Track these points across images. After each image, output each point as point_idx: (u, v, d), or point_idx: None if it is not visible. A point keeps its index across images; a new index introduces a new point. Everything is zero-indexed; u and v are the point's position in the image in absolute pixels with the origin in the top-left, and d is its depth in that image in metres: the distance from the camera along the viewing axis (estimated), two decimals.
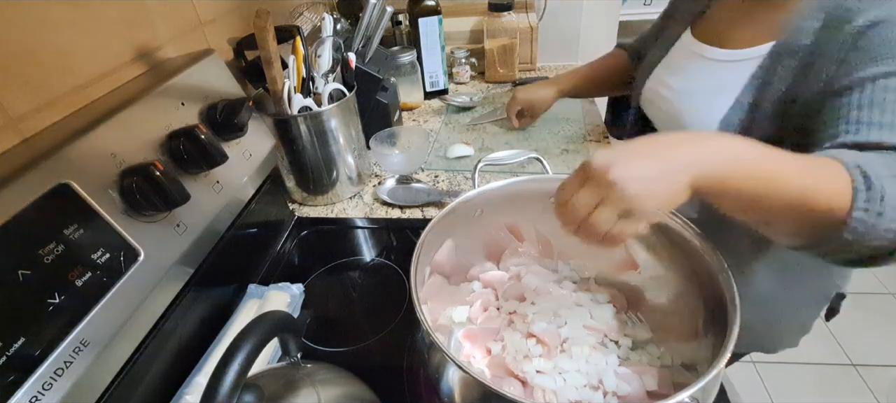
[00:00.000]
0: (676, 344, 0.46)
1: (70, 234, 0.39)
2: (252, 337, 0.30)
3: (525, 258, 0.57)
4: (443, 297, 0.52)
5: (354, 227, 0.77)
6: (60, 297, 0.37)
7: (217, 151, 0.52)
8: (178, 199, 0.46)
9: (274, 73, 0.65)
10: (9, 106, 0.43)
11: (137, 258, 0.44)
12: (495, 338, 0.49)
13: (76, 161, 0.42)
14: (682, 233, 0.43)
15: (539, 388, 0.42)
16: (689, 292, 0.44)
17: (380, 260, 0.70)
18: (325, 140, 0.73)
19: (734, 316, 0.34)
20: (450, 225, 0.48)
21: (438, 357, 0.35)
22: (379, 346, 0.56)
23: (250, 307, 0.59)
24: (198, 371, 0.51)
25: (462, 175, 0.85)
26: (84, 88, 0.51)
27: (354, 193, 0.82)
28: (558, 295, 0.52)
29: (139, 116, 0.49)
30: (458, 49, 1.23)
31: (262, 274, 0.68)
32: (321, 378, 0.40)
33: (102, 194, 0.43)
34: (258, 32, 0.61)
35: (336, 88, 0.74)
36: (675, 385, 0.42)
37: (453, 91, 1.20)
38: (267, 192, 0.71)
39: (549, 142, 0.93)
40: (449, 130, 1.01)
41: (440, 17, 1.07)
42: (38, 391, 0.35)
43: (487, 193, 0.50)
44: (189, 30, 0.67)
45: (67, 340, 0.37)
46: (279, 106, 0.68)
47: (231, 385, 0.27)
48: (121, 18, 0.55)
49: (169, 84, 0.54)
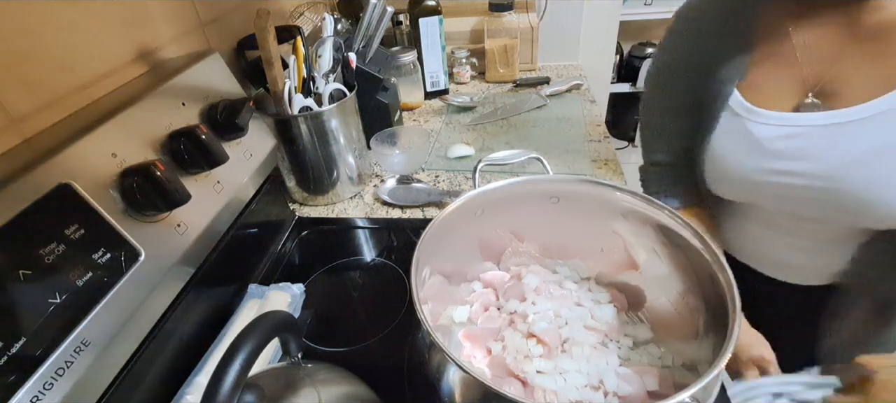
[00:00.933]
0: (677, 344, 0.46)
1: (71, 234, 0.39)
2: (253, 337, 0.30)
3: (525, 258, 0.57)
4: (443, 297, 0.52)
5: (355, 227, 0.77)
6: (61, 297, 0.37)
7: (218, 151, 0.52)
8: (178, 199, 0.46)
9: (274, 73, 0.65)
10: (10, 106, 0.43)
11: (138, 258, 0.44)
12: (496, 338, 0.49)
13: (77, 161, 0.42)
14: (683, 233, 0.43)
15: (539, 388, 0.42)
16: (689, 292, 0.44)
17: (380, 260, 0.70)
18: (326, 140, 0.73)
19: (735, 316, 0.34)
20: (450, 226, 0.48)
21: (439, 357, 0.35)
22: (379, 346, 0.56)
23: (251, 307, 0.59)
24: (198, 371, 0.51)
25: (462, 175, 0.85)
26: (85, 88, 0.51)
27: (355, 193, 0.82)
28: (559, 295, 0.52)
29: (140, 116, 0.49)
30: (458, 49, 1.23)
31: (263, 274, 0.68)
32: (322, 378, 0.40)
33: (103, 194, 0.43)
34: (259, 32, 0.61)
35: (337, 88, 0.74)
36: (676, 386, 0.42)
37: (454, 91, 1.20)
38: (267, 192, 0.71)
39: (549, 143, 0.92)
40: (449, 130, 1.01)
41: (441, 17, 1.07)
42: (39, 391, 0.35)
43: (488, 193, 0.50)
44: (190, 30, 0.67)
45: (68, 340, 0.37)
46: (280, 106, 0.68)
47: (232, 384, 0.27)
48: (122, 18, 0.55)
49: (170, 84, 0.54)
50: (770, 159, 0.53)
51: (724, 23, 0.57)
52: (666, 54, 0.64)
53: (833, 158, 0.50)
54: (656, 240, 0.47)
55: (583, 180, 0.51)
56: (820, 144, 0.50)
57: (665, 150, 0.67)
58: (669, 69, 0.63)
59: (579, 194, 0.51)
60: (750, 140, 0.54)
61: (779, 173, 0.53)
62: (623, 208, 0.49)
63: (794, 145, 0.51)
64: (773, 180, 0.54)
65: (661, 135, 0.67)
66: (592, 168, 0.83)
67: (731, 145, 0.56)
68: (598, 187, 0.50)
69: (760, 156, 0.54)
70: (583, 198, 0.51)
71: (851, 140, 0.49)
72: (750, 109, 0.54)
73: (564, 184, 0.51)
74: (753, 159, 0.54)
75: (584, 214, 0.52)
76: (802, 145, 0.51)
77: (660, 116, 0.66)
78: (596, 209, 0.50)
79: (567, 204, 0.52)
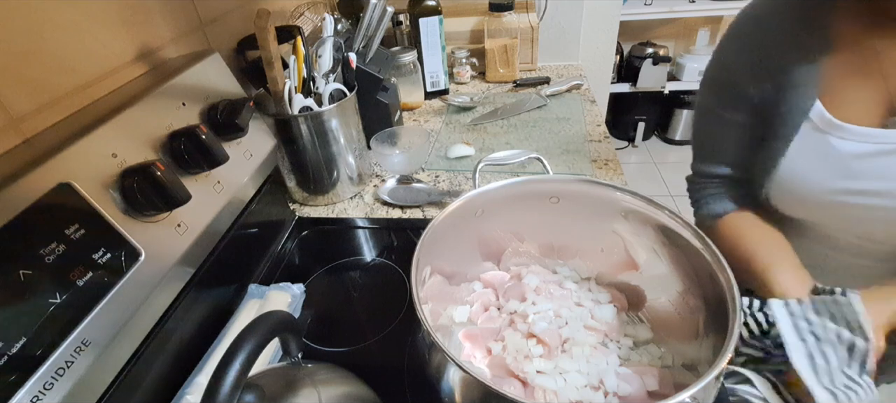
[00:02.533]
0: (677, 344, 0.46)
1: (71, 234, 0.39)
2: (253, 337, 0.30)
3: (525, 258, 0.57)
4: (443, 297, 0.52)
5: (355, 227, 0.77)
6: (61, 297, 0.37)
7: (218, 151, 0.52)
8: (179, 199, 0.46)
9: (275, 73, 0.65)
10: (10, 106, 0.43)
11: (138, 258, 0.44)
12: (496, 338, 0.49)
13: (77, 161, 0.42)
14: (683, 233, 0.43)
15: (540, 388, 0.42)
16: (689, 292, 0.44)
17: (380, 260, 0.70)
18: (326, 140, 0.73)
19: (735, 316, 0.34)
20: (451, 226, 0.48)
21: (439, 358, 0.35)
22: (379, 346, 0.56)
23: (251, 307, 0.59)
24: (199, 371, 0.51)
25: (463, 175, 0.85)
26: (85, 88, 0.51)
27: (355, 193, 0.82)
28: (559, 295, 0.52)
29: (140, 116, 0.49)
30: (458, 49, 1.23)
31: (263, 274, 0.68)
32: (322, 378, 0.40)
33: (103, 194, 0.43)
34: (259, 32, 0.61)
35: (337, 88, 0.74)
36: (676, 386, 0.42)
37: (454, 91, 1.20)
38: (268, 192, 0.71)
39: (549, 143, 0.92)
40: (449, 130, 1.01)
41: (441, 17, 1.07)
42: (39, 391, 0.35)
43: (488, 193, 0.50)
44: (190, 30, 0.67)
45: (68, 340, 0.37)
46: (280, 106, 0.68)
47: (232, 384, 0.27)
48: (122, 18, 0.55)
49: (170, 84, 0.54)
50: (853, 179, 0.49)
51: (799, 22, 0.51)
52: (727, 56, 0.58)
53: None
54: (656, 240, 0.47)
55: (583, 180, 0.51)
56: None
57: (721, 161, 0.61)
58: (731, 72, 0.57)
59: (579, 194, 0.51)
60: (833, 157, 0.50)
61: (860, 193, 0.49)
62: (623, 208, 0.49)
63: (882, 164, 0.48)
64: (853, 201, 0.50)
65: (718, 145, 0.61)
66: (592, 168, 0.83)
67: (810, 161, 0.51)
68: (598, 187, 0.50)
69: (843, 175, 0.49)
70: (583, 198, 0.51)
71: None
72: (835, 124, 0.49)
73: (564, 184, 0.51)
74: (834, 178, 0.50)
75: (584, 214, 0.52)
76: (890, 163, 0.47)
77: (717, 124, 0.60)
78: (596, 209, 0.50)
79: (567, 204, 0.52)
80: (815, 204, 0.53)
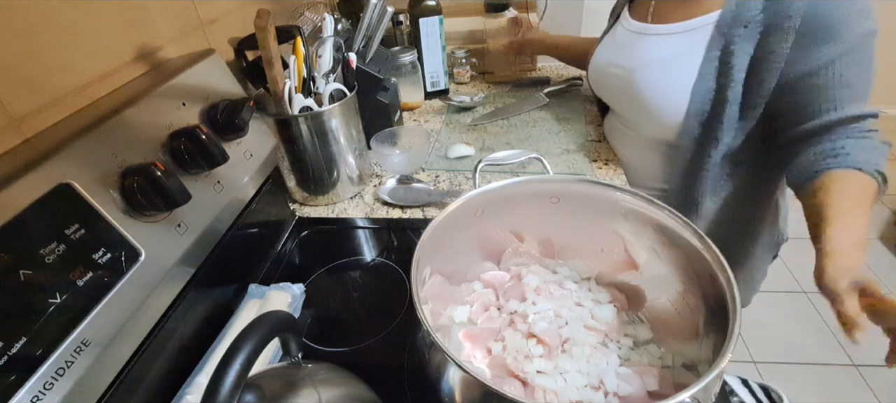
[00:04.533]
0: (677, 344, 0.46)
1: (71, 234, 0.39)
2: (253, 337, 0.30)
3: (525, 258, 0.57)
4: (443, 297, 0.52)
5: (355, 227, 0.77)
6: (61, 297, 0.37)
7: (218, 151, 0.52)
8: (179, 199, 0.46)
9: (275, 73, 0.65)
10: (10, 106, 0.43)
11: (138, 258, 0.44)
12: (496, 338, 0.49)
13: (77, 161, 0.42)
14: (683, 233, 0.43)
15: (540, 388, 0.42)
16: (689, 292, 0.44)
17: (380, 260, 0.70)
18: (326, 140, 0.73)
19: (735, 316, 0.34)
20: (451, 226, 0.48)
21: (439, 358, 0.35)
22: (379, 346, 0.56)
23: (251, 307, 0.59)
24: (199, 371, 0.51)
25: (463, 175, 0.85)
26: (85, 88, 0.51)
27: (355, 193, 0.82)
28: (559, 295, 0.52)
29: (140, 116, 0.49)
30: (458, 49, 1.23)
31: (263, 274, 0.68)
32: (322, 378, 0.40)
33: (103, 194, 0.43)
34: (259, 32, 0.61)
35: (337, 88, 0.74)
36: (676, 386, 0.42)
37: (454, 91, 1.20)
38: (268, 192, 0.71)
39: (549, 143, 0.92)
40: (450, 130, 1.01)
41: (441, 17, 1.07)
42: (40, 391, 0.35)
43: (488, 193, 0.50)
44: (190, 30, 0.67)
45: (68, 340, 0.37)
46: (280, 106, 0.68)
47: (232, 384, 0.27)
48: (122, 18, 0.55)
49: (170, 84, 0.54)
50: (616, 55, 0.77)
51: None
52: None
53: (636, 58, 0.72)
54: (656, 240, 0.47)
55: (583, 180, 0.51)
56: (629, 45, 0.75)
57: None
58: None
59: (579, 194, 0.51)
60: (612, 41, 0.81)
61: (611, 65, 0.78)
62: (623, 208, 0.49)
63: (629, 44, 0.75)
64: (607, 71, 0.79)
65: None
66: (592, 168, 0.83)
67: (604, 45, 0.83)
68: (598, 187, 0.50)
69: (613, 54, 0.78)
70: (583, 198, 0.51)
71: (650, 47, 0.71)
72: (624, 16, 0.79)
73: (564, 184, 0.52)
74: (608, 55, 0.80)
75: (584, 214, 0.52)
76: (623, 41, 0.76)
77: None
78: (596, 209, 0.50)
79: (567, 204, 0.52)
80: (597, 77, 0.84)
